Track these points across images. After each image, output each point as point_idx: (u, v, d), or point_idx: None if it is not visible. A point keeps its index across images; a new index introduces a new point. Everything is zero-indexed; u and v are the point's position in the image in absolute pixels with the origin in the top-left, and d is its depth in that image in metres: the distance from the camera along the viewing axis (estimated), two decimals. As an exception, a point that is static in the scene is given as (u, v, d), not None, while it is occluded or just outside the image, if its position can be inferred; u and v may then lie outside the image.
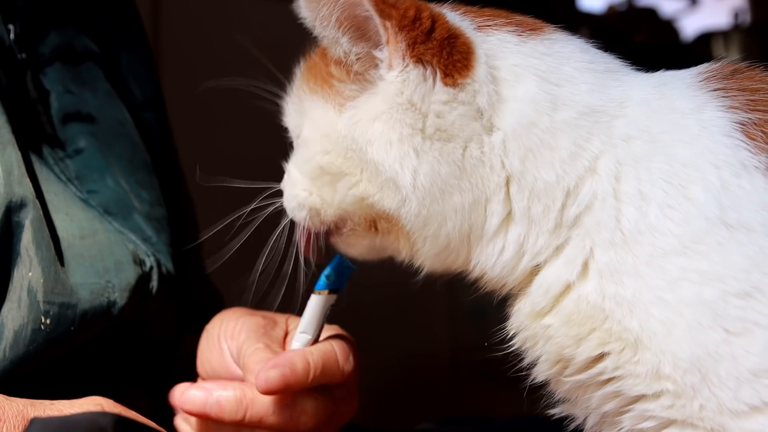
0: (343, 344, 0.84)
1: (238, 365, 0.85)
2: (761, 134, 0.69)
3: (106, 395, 0.76)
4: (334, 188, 0.76)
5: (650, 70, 0.77)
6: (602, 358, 0.70)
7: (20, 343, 0.80)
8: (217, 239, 0.86)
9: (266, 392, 0.79)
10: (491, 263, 0.74)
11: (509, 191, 0.72)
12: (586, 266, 0.71)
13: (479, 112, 0.72)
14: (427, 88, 0.71)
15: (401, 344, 2.06)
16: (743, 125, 0.69)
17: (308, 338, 0.83)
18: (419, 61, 0.71)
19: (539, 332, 0.73)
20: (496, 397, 1.54)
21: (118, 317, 0.88)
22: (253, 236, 0.82)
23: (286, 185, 0.80)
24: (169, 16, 1.78)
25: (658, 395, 0.68)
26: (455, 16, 0.75)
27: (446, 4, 0.77)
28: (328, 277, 0.82)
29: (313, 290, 0.83)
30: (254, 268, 0.82)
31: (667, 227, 0.68)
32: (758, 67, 0.73)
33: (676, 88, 0.73)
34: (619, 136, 0.72)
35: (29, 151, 0.88)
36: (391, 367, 2.06)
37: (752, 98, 0.70)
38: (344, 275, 0.84)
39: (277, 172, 0.82)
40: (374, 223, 0.78)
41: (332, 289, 0.83)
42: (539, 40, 0.75)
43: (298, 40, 0.78)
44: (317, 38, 0.75)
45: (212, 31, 1.80)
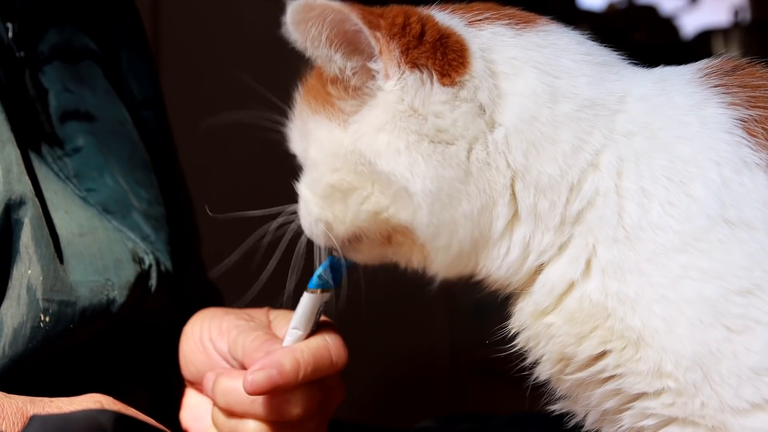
0: (337, 339, 0.84)
1: (235, 359, 0.85)
2: (762, 131, 0.68)
3: (105, 392, 0.76)
4: (345, 204, 0.76)
5: (650, 67, 0.77)
6: (604, 356, 0.70)
7: (19, 340, 0.80)
8: (216, 237, 0.86)
9: (253, 394, 0.79)
10: (497, 265, 0.74)
11: (515, 191, 0.72)
12: (588, 264, 0.71)
13: (482, 108, 0.71)
14: (426, 91, 0.71)
15: (401, 342, 2.06)
16: (744, 122, 0.69)
17: (300, 334, 0.83)
18: (415, 66, 0.71)
19: (542, 331, 0.73)
20: (496, 394, 1.54)
21: (117, 315, 0.88)
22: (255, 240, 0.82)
23: (299, 205, 0.80)
24: (168, 14, 1.78)
25: (659, 393, 0.68)
26: (444, 15, 0.75)
27: (434, 5, 0.76)
28: (320, 276, 0.82)
29: (306, 288, 0.82)
30: (252, 266, 0.82)
31: (668, 224, 0.68)
32: (759, 63, 0.73)
33: (676, 84, 0.73)
34: (620, 131, 0.71)
35: (28, 149, 0.88)
36: (391, 364, 2.07)
37: (753, 95, 0.70)
38: (339, 272, 0.84)
39: (278, 170, 0.81)
40: (389, 237, 0.77)
41: (324, 287, 0.83)
42: (534, 32, 0.74)
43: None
44: (311, 60, 0.75)
45: (212, 30, 1.80)
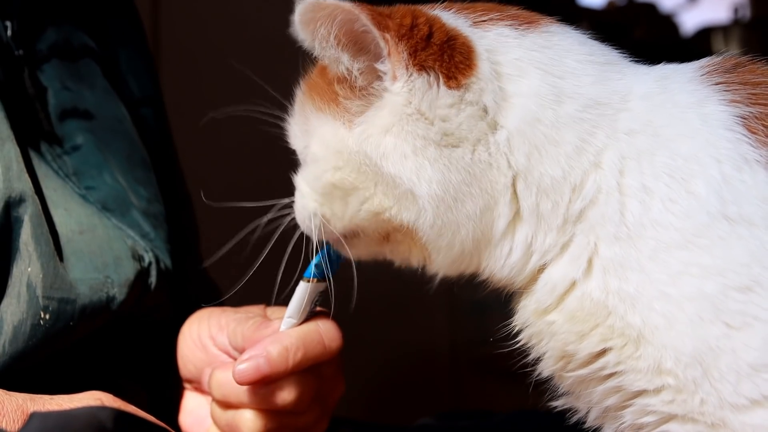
0: (329, 322, 0.84)
1: (236, 349, 0.86)
2: (762, 128, 0.68)
3: (104, 389, 0.76)
4: (345, 202, 0.75)
5: (650, 64, 0.77)
6: (604, 353, 0.70)
7: (19, 338, 0.80)
8: (216, 236, 0.86)
9: (242, 383, 0.80)
10: (500, 265, 0.74)
11: (516, 190, 0.72)
12: (590, 263, 0.71)
13: (485, 111, 0.71)
14: (433, 94, 0.71)
15: (401, 339, 2.06)
16: (744, 119, 0.69)
17: (293, 322, 0.83)
18: (422, 68, 0.71)
19: (544, 329, 0.73)
20: (495, 391, 1.54)
21: (117, 312, 0.88)
22: (251, 234, 0.82)
23: (296, 197, 0.80)
24: (168, 12, 1.78)
25: (659, 390, 0.68)
26: (450, 15, 0.74)
27: (438, 4, 0.76)
28: (317, 265, 0.82)
29: (301, 277, 0.83)
30: (252, 264, 0.82)
31: (669, 221, 0.68)
32: (759, 61, 0.73)
33: (677, 82, 0.73)
34: (622, 130, 0.71)
35: (28, 147, 0.88)
36: (390, 361, 2.07)
37: (753, 92, 0.70)
38: (335, 263, 0.84)
39: (277, 168, 0.81)
40: (387, 235, 0.77)
41: (320, 277, 0.83)
42: (537, 32, 0.74)
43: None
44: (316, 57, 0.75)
45: (211, 28, 1.80)
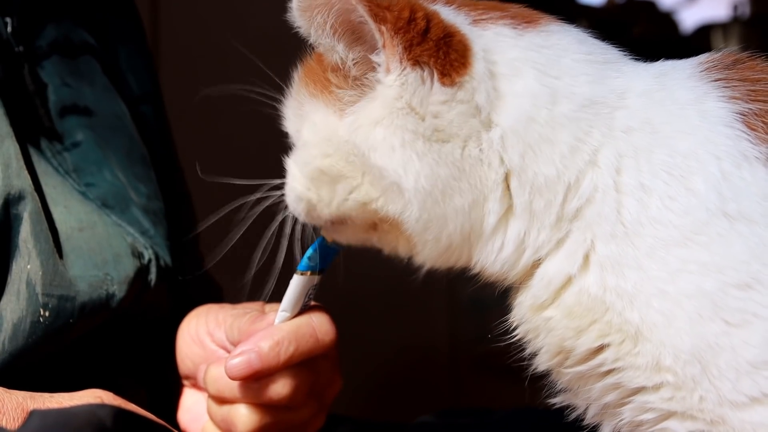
0: (322, 315, 0.84)
1: (233, 344, 0.86)
2: (762, 125, 0.68)
3: (104, 387, 0.76)
4: (332, 189, 0.76)
5: (649, 62, 0.77)
6: (602, 349, 0.70)
7: (19, 335, 0.80)
8: (216, 234, 0.86)
9: (234, 378, 0.80)
10: (491, 260, 0.74)
11: (509, 187, 0.72)
12: (587, 259, 0.70)
13: (477, 109, 0.71)
14: (425, 90, 0.71)
15: (400, 336, 2.06)
16: (744, 116, 0.69)
17: (287, 316, 0.83)
18: (416, 63, 0.70)
19: (540, 324, 0.73)
20: (495, 389, 1.54)
21: (116, 310, 0.88)
22: (252, 231, 0.82)
23: (287, 180, 0.80)
24: (167, 10, 1.78)
25: (658, 387, 0.68)
26: (449, 11, 0.74)
27: None
28: (310, 258, 0.82)
29: (295, 271, 0.83)
30: (252, 260, 0.82)
31: (667, 218, 0.68)
32: (759, 57, 0.73)
33: (676, 78, 0.73)
34: (619, 127, 0.71)
35: (27, 144, 0.88)
36: (390, 359, 2.07)
37: (753, 88, 0.70)
38: (329, 256, 0.84)
39: (276, 167, 0.81)
40: (375, 224, 0.78)
41: (314, 270, 0.83)
42: (536, 32, 0.74)
43: (296, 33, 0.78)
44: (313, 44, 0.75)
45: (211, 26, 1.80)
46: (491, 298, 0.79)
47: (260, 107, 0.81)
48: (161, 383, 0.97)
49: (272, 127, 0.82)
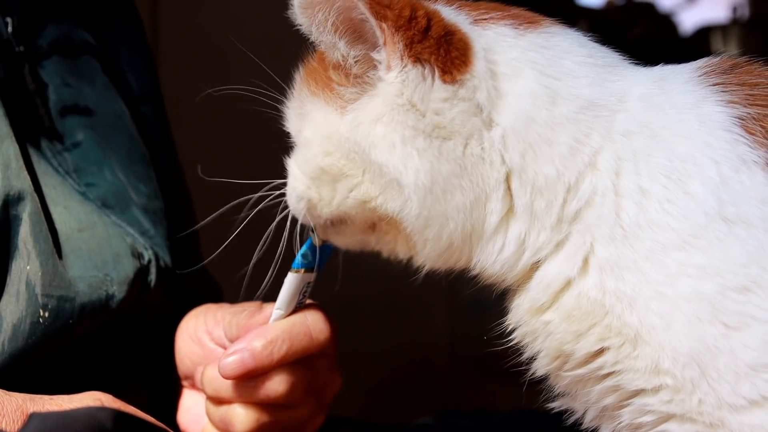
0: (317, 314, 0.84)
1: (231, 340, 0.86)
2: (760, 129, 0.69)
3: (104, 389, 0.76)
4: (333, 188, 0.76)
5: (649, 64, 0.77)
6: (602, 353, 0.70)
7: (19, 336, 0.80)
8: (216, 234, 0.87)
9: (228, 378, 0.81)
10: (491, 261, 0.74)
11: (510, 187, 0.72)
12: (586, 262, 0.71)
13: (479, 108, 0.71)
14: (426, 87, 0.71)
15: (400, 338, 2.06)
16: (742, 120, 0.69)
17: (281, 314, 0.83)
18: (417, 60, 0.71)
19: (539, 328, 0.73)
20: (495, 390, 1.54)
21: (116, 310, 0.88)
22: (251, 231, 0.82)
23: (288, 180, 0.81)
24: (167, 10, 1.78)
25: (657, 390, 0.68)
26: (450, 11, 0.74)
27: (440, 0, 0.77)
28: (304, 256, 0.82)
29: (290, 268, 0.83)
30: (251, 260, 0.82)
31: (666, 222, 0.68)
32: (757, 61, 0.73)
33: (675, 83, 0.73)
34: (618, 131, 0.71)
35: (27, 144, 0.88)
36: (389, 360, 2.07)
37: (751, 93, 0.70)
38: (324, 254, 0.84)
39: (276, 168, 0.81)
40: (374, 224, 0.78)
41: (309, 267, 0.83)
42: (537, 33, 0.74)
43: (296, 33, 0.78)
44: (314, 42, 0.75)
45: (210, 26, 1.80)
46: (491, 299, 0.79)
47: (260, 107, 0.81)
48: (162, 384, 0.97)
49: (272, 126, 0.82)
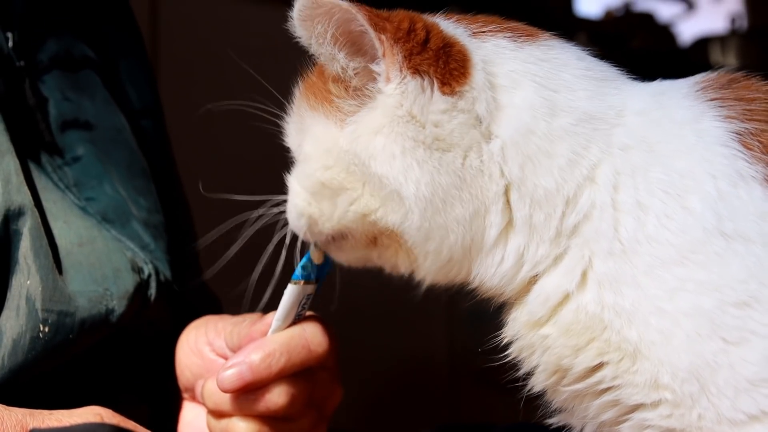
0: (315, 326, 0.84)
1: (233, 351, 0.86)
2: (758, 144, 0.69)
3: (104, 403, 0.76)
4: (334, 203, 0.76)
5: (647, 75, 0.78)
6: (600, 367, 0.70)
7: (19, 351, 0.80)
8: (216, 249, 0.87)
9: (227, 391, 0.81)
10: (490, 274, 0.74)
11: (509, 200, 0.72)
12: (584, 276, 0.71)
13: (478, 119, 0.72)
14: (425, 98, 0.71)
15: (399, 349, 2.06)
16: (740, 135, 0.69)
17: (280, 325, 0.83)
18: (416, 72, 0.71)
19: (536, 342, 0.73)
20: (494, 403, 1.54)
21: (116, 325, 0.88)
22: (251, 245, 0.82)
23: (288, 196, 0.81)
24: (167, 23, 1.79)
25: (656, 404, 0.68)
26: (449, 24, 0.75)
27: (439, 13, 0.77)
28: (304, 267, 0.82)
29: (290, 280, 0.83)
30: (252, 275, 0.82)
31: (665, 237, 0.68)
32: (755, 76, 0.73)
33: (673, 97, 0.73)
34: (617, 145, 0.72)
35: (28, 158, 0.88)
36: (389, 372, 2.06)
37: (749, 108, 0.70)
38: (324, 266, 0.84)
39: (276, 182, 0.82)
40: (375, 239, 0.78)
41: (308, 279, 0.83)
42: (535, 45, 0.75)
43: (296, 46, 0.78)
44: (313, 55, 0.75)
45: (210, 40, 1.80)
46: (491, 311, 0.79)
47: (259, 122, 0.81)
48: (162, 398, 0.97)
49: (271, 141, 0.82)
